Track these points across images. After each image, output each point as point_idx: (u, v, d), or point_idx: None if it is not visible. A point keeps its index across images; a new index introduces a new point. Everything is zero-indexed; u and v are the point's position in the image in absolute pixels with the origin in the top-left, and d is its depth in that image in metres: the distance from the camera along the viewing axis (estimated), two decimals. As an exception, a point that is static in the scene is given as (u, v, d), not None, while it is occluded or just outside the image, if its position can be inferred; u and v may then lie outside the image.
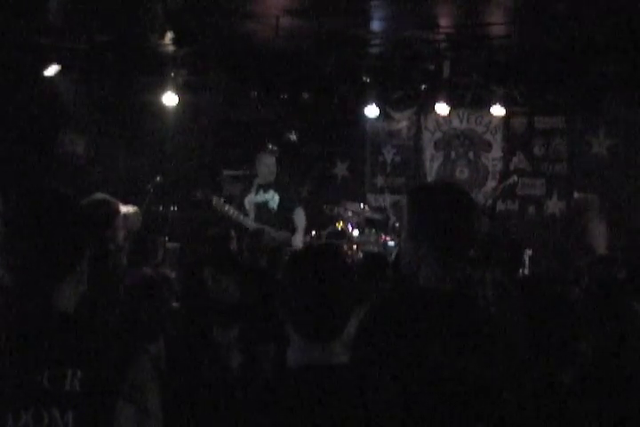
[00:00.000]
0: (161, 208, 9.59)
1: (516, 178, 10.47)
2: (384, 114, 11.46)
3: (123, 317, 4.59)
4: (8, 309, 2.07)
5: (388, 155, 12.09)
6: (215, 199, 8.73)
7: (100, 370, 2.00)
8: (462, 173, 11.66)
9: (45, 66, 9.81)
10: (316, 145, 11.99)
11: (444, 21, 8.40)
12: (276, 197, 9.04)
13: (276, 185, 9.06)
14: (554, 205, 11.13)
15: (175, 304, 5.82)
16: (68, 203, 2.15)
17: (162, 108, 10.29)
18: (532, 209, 11.26)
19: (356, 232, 10.01)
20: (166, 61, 10.06)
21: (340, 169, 12.26)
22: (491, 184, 11.39)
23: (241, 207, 8.99)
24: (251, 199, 9.03)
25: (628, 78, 9.32)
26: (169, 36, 8.89)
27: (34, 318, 2.05)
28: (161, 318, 4.89)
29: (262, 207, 9.04)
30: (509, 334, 2.53)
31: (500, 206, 11.13)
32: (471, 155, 11.66)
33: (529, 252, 9.13)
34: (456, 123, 11.62)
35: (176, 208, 10.19)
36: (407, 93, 11.00)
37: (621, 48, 8.65)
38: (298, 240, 8.87)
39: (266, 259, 6.99)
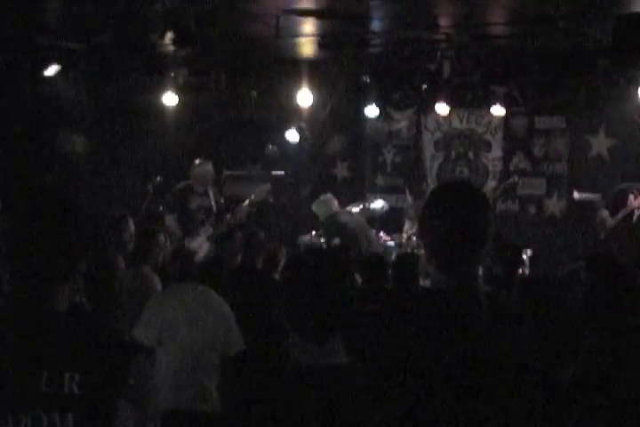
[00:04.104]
0: (161, 208, 9.58)
1: (516, 178, 10.48)
2: (384, 114, 11.46)
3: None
4: (8, 312, 2.06)
5: (388, 155, 12.10)
6: None
7: (97, 372, 2.00)
8: (462, 173, 11.66)
9: (45, 66, 9.81)
10: (315, 145, 12.00)
11: (443, 21, 8.39)
12: None
13: None
14: (554, 205, 11.12)
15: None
16: (69, 205, 2.15)
17: (162, 108, 10.29)
18: (532, 209, 11.26)
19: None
20: (166, 61, 10.05)
21: (340, 169, 12.26)
22: (491, 184, 11.39)
23: None
24: None
25: (628, 78, 9.31)
26: (169, 36, 8.88)
27: (33, 321, 2.04)
28: None
29: None
30: (511, 334, 2.53)
31: (500, 206, 11.13)
32: (471, 155, 11.66)
33: (529, 252, 9.13)
34: (456, 123, 11.62)
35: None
36: (407, 93, 11.00)
37: (621, 48, 8.64)
38: None
39: (262, 260, 6.96)
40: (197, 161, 8.87)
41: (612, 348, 2.99)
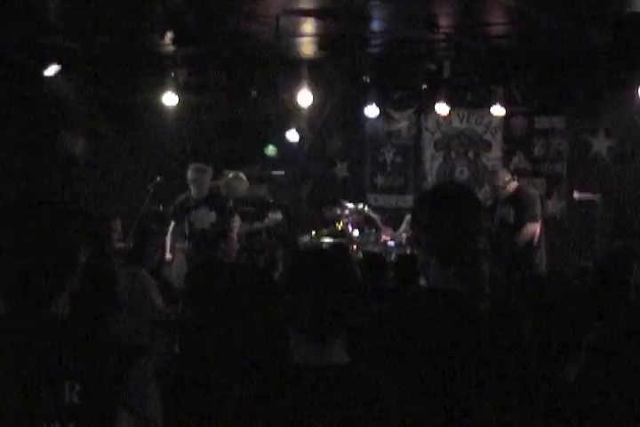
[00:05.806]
0: (161, 208, 9.58)
1: (516, 178, 10.46)
2: (384, 114, 11.46)
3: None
4: (5, 320, 2.05)
5: (388, 155, 12.09)
6: None
7: (97, 382, 1.99)
8: (462, 173, 11.66)
9: (45, 66, 9.82)
10: (315, 145, 11.99)
11: (443, 21, 8.39)
12: None
13: None
14: (554, 205, 11.11)
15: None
16: (62, 208, 2.13)
17: (162, 108, 10.29)
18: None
19: (356, 232, 10.02)
20: (166, 61, 10.06)
21: (340, 169, 12.26)
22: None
23: None
24: None
25: (628, 78, 9.31)
26: (169, 36, 8.88)
27: (31, 329, 2.02)
28: None
29: None
30: (512, 333, 2.53)
31: (501, 206, 11.11)
32: (471, 155, 11.65)
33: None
34: (456, 123, 11.61)
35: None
36: (407, 93, 11.00)
37: (621, 48, 8.64)
38: None
39: (264, 259, 6.98)
40: (195, 166, 8.40)
41: (615, 347, 2.99)
